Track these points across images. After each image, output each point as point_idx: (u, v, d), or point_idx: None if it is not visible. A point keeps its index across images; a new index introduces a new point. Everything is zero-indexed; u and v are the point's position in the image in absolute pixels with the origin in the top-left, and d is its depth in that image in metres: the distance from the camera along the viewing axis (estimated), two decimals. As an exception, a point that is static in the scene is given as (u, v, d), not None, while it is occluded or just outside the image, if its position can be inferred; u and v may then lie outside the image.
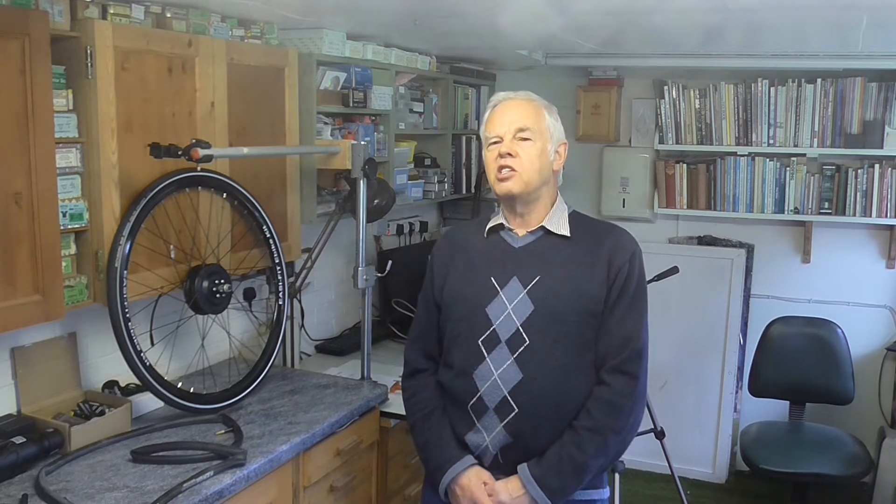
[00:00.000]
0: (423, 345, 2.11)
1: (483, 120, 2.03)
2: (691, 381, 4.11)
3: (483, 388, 1.91)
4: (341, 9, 2.61)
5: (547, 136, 1.95)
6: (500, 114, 1.97)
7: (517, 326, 1.90)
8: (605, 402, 1.87)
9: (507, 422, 1.90)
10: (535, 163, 1.92)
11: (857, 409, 3.87)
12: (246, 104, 2.57)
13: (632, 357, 1.89)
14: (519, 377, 1.88)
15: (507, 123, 1.93)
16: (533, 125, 1.93)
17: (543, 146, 1.94)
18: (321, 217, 3.01)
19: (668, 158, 4.18)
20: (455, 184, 4.10)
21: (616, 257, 1.92)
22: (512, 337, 1.90)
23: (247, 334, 3.02)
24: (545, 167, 1.95)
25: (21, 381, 2.22)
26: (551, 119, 1.97)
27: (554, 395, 1.88)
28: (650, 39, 3.28)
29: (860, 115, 3.79)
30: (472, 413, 1.94)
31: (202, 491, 1.95)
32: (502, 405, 1.90)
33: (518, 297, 1.91)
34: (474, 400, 1.93)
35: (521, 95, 1.99)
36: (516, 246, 1.98)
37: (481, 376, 1.92)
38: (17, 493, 1.91)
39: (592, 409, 1.88)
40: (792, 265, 4.13)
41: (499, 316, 1.92)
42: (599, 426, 1.87)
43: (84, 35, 2.05)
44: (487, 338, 1.92)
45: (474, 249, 2.04)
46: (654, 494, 4.00)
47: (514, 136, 1.92)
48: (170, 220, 2.33)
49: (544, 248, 1.96)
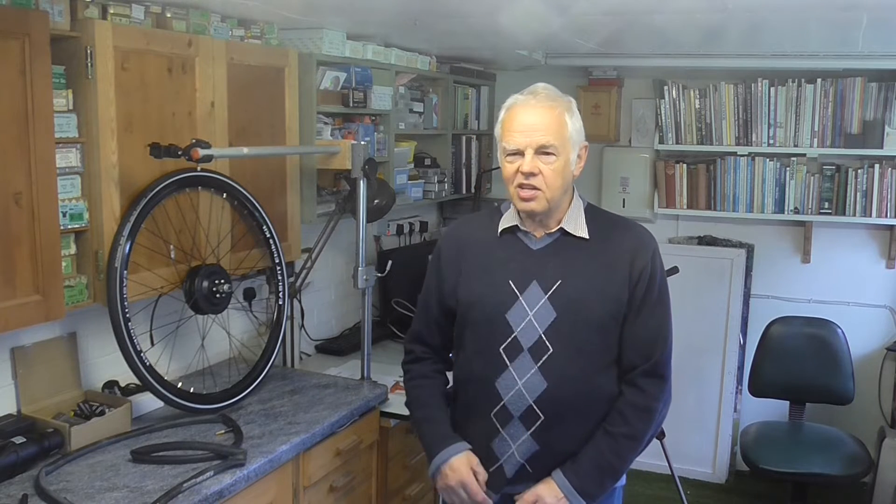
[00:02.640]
0: (424, 339, 2.09)
1: (499, 120, 1.90)
2: (691, 381, 4.11)
3: (507, 398, 1.88)
4: (341, 9, 2.60)
5: (570, 146, 1.84)
6: (520, 120, 1.83)
7: (540, 334, 1.86)
8: (642, 409, 1.86)
9: (534, 430, 1.87)
10: (558, 179, 1.83)
11: (857, 409, 3.87)
12: (246, 104, 2.57)
13: (662, 360, 1.88)
14: (544, 386, 1.85)
15: (527, 135, 1.80)
16: (556, 139, 1.81)
17: (566, 158, 1.84)
18: (321, 217, 3.01)
19: (668, 158, 4.18)
20: (455, 184, 4.10)
21: (639, 258, 1.88)
22: (535, 345, 1.86)
23: (247, 334, 3.02)
24: (568, 179, 1.87)
25: (21, 381, 2.22)
26: (573, 123, 1.85)
27: (579, 401, 1.86)
28: (650, 39, 3.28)
29: (860, 115, 3.79)
30: (496, 421, 1.90)
31: (202, 491, 1.95)
32: (528, 414, 1.87)
33: (539, 303, 1.86)
34: (497, 409, 1.89)
35: (542, 99, 1.84)
36: (534, 248, 1.92)
37: (505, 385, 1.88)
38: (17, 493, 1.91)
39: (629, 415, 1.86)
40: (792, 265, 4.13)
41: (520, 323, 1.87)
42: (638, 433, 1.86)
43: (84, 35, 2.05)
44: (509, 345, 1.87)
45: (487, 249, 1.96)
46: (654, 494, 4.00)
47: (535, 152, 1.81)
48: (170, 220, 2.33)
49: (563, 251, 1.90)
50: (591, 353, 1.87)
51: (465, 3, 2.45)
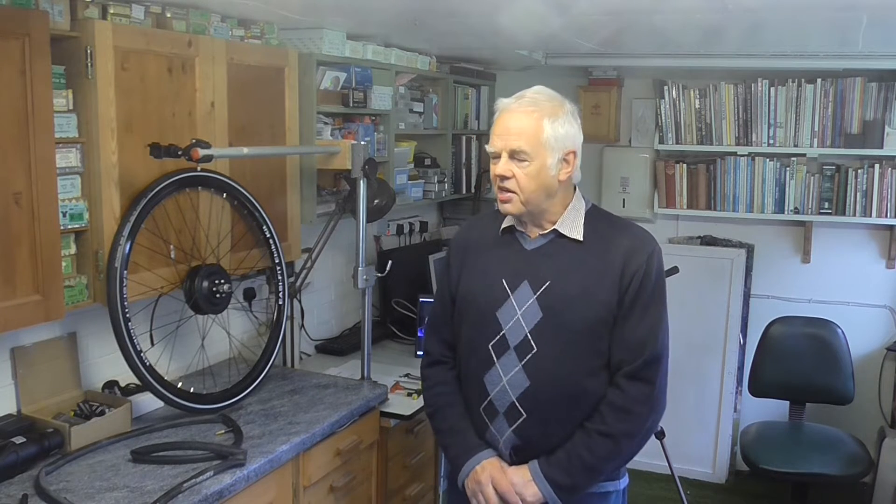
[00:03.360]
0: (442, 336, 2.09)
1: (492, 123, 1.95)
2: (691, 381, 4.11)
3: (493, 393, 1.91)
4: (341, 9, 2.60)
5: (545, 151, 1.83)
6: (501, 124, 1.87)
7: (525, 333, 1.88)
8: (619, 408, 1.85)
9: (516, 426, 1.90)
10: (530, 184, 1.84)
11: (857, 409, 3.87)
12: (246, 104, 2.57)
13: (648, 363, 1.86)
14: (526, 384, 1.87)
15: (503, 139, 1.85)
16: (527, 145, 1.82)
17: (541, 164, 1.84)
18: (321, 217, 3.01)
19: (668, 158, 4.18)
20: (455, 184, 4.10)
21: (632, 261, 1.87)
22: (520, 343, 1.88)
23: (247, 334, 3.02)
24: (546, 183, 1.86)
25: (21, 381, 2.22)
26: (553, 129, 1.83)
27: (563, 402, 1.87)
28: (650, 39, 3.28)
29: (860, 115, 3.79)
30: (485, 415, 1.94)
31: (202, 491, 1.95)
32: (511, 410, 1.89)
33: (528, 302, 1.89)
34: (485, 403, 1.93)
35: (524, 103, 1.86)
36: (528, 248, 1.94)
37: (491, 381, 1.91)
38: (17, 493, 1.91)
39: (606, 413, 1.86)
40: (792, 265, 4.13)
41: (508, 321, 1.90)
42: (612, 431, 1.85)
43: (84, 35, 2.05)
44: (497, 342, 1.90)
45: (488, 248, 2.00)
46: (654, 494, 4.00)
47: (509, 156, 1.85)
48: (170, 220, 2.33)
49: (556, 252, 1.92)
50: (577, 354, 1.87)
51: (465, 3, 2.45)
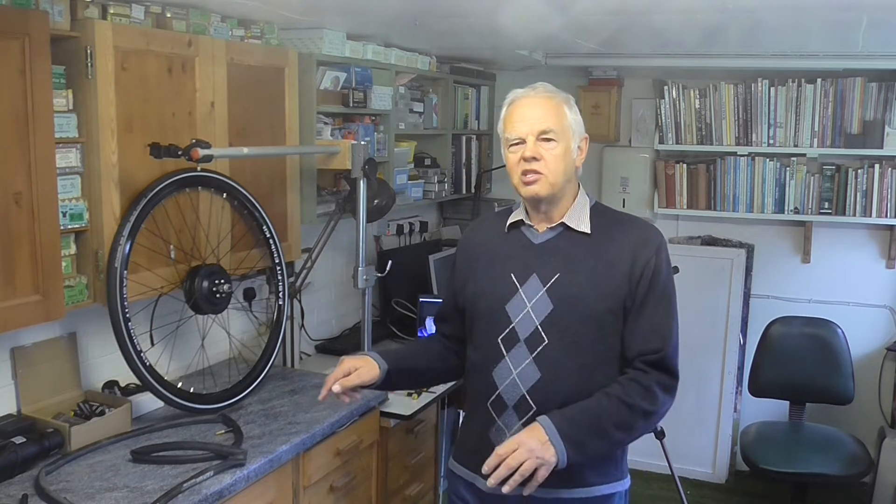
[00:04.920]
0: (447, 323, 2.13)
1: (501, 117, 1.96)
2: (691, 381, 4.10)
3: (502, 387, 1.91)
4: (341, 9, 2.61)
5: (569, 134, 1.91)
6: (520, 112, 1.90)
7: (536, 325, 1.88)
8: (643, 385, 1.85)
9: (526, 420, 1.88)
10: (559, 164, 1.88)
11: (857, 409, 3.87)
12: (246, 104, 2.57)
13: (668, 356, 1.88)
14: (537, 377, 1.87)
15: (528, 124, 1.88)
16: (555, 125, 1.87)
17: (567, 146, 1.90)
18: (321, 217, 3.01)
19: (668, 158, 4.18)
20: (455, 184, 4.10)
21: (642, 252, 1.89)
22: (531, 336, 1.89)
23: (247, 334, 3.02)
24: (569, 166, 1.92)
25: (21, 381, 2.22)
26: (572, 114, 1.92)
27: (572, 393, 1.86)
28: (650, 39, 3.28)
29: (860, 115, 3.79)
30: (492, 410, 1.93)
31: (202, 491, 1.95)
32: (521, 403, 1.89)
33: (537, 295, 1.90)
34: (493, 398, 1.92)
35: (540, 91, 1.92)
36: (536, 242, 1.96)
37: (500, 374, 1.91)
38: (17, 493, 1.91)
39: (625, 383, 1.85)
40: (792, 265, 4.13)
41: (518, 314, 1.91)
42: (633, 402, 1.83)
43: (84, 35, 2.05)
44: (507, 336, 1.91)
45: (495, 245, 2.02)
46: (654, 494, 4.00)
47: (537, 138, 1.87)
48: (170, 220, 2.33)
49: (564, 245, 1.93)
50: (588, 347, 1.88)
51: (465, 3, 2.45)
